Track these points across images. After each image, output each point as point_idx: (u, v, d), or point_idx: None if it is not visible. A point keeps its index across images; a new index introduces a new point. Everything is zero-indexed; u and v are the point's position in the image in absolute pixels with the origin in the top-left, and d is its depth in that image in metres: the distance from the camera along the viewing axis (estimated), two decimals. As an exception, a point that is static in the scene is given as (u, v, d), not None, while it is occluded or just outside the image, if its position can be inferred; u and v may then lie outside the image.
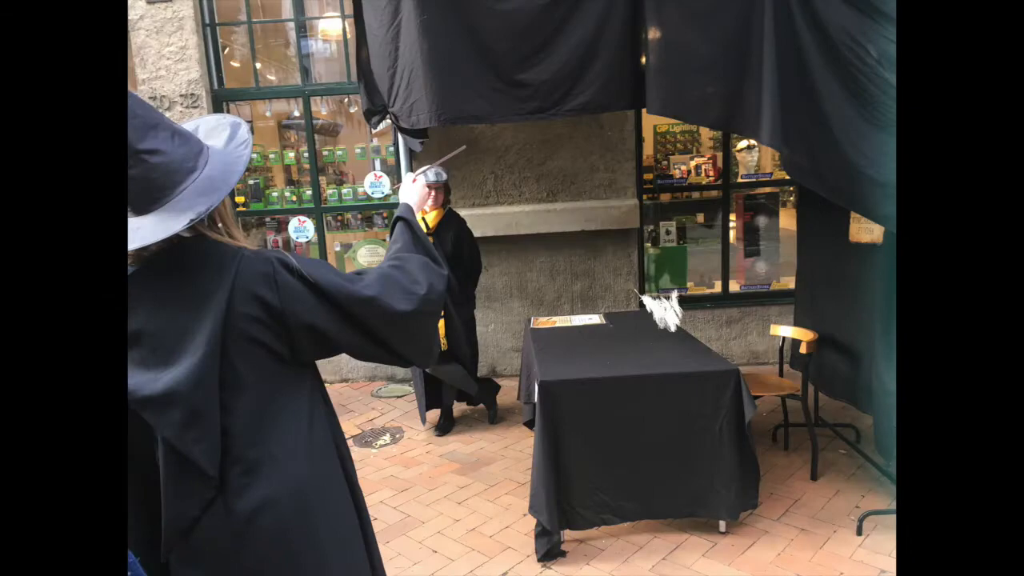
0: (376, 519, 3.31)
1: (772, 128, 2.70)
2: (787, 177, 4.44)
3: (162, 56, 5.13)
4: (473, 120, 3.59)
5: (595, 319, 4.16)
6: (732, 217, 5.64)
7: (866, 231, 3.33)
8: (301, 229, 5.50)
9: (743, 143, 5.58)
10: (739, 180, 5.59)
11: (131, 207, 1.19)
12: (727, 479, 2.91)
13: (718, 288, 5.64)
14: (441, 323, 3.90)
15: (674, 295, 3.72)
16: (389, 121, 3.95)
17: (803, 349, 3.55)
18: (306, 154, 5.52)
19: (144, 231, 1.17)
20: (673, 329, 3.58)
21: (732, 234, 5.64)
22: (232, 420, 1.25)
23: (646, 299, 3.87)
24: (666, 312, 3.64)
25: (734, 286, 5.64)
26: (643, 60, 3.17)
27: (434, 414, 4.49)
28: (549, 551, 2.90)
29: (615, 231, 5.30)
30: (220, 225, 1.31)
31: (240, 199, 5.48)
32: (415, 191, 1.71)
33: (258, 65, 5.55)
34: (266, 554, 1.27)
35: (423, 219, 4.01)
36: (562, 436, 2.90)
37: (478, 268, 4.40)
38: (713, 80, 2.92)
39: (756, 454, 2.95)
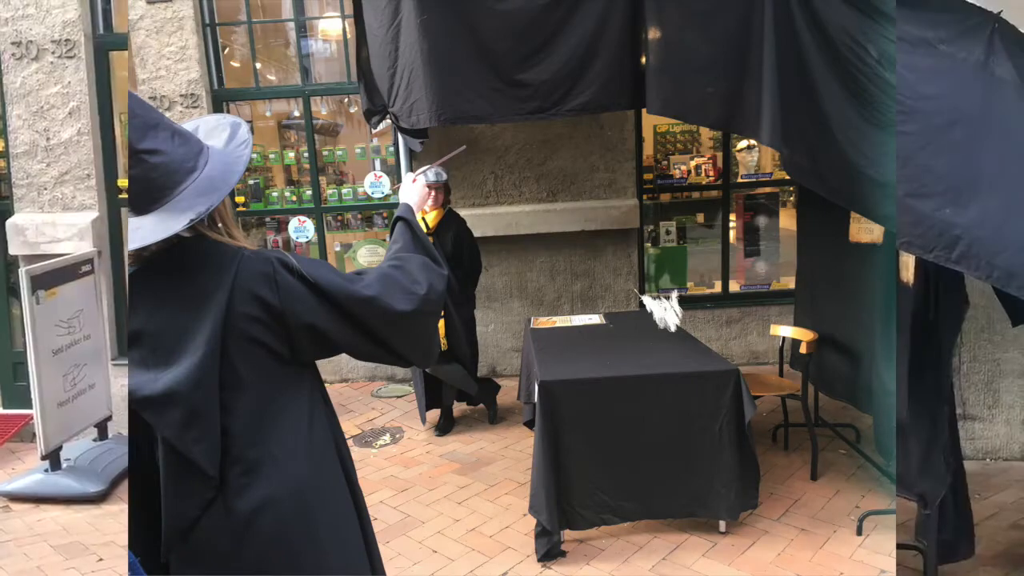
0: (376, 519, 3.31)
1: (772, 128, 2.71)
2: (787, 177, 4.44)
3: (162, 56, 5.12)
4: (473, 120, 3.60)
5: (595, 319, 4.16)
6: (732, 217, 5.63)
7: (866, 231, 3.33)
8: (301, 229, 5.50)
9: (743, 143, 5.58)
10: (739, 180, 5.59)
11: (131, 207, 1.19)
12: (727, 479, 2.91)
13: (718, 288, 5.64)
14: (441, 323, 3.89)
15: (674, 295, 3.72)
16: (389, 121, 3.96)
17: (803, 349, 3.55)
18: (306, 154, 5.52)
19: (144, 231, 1.18)
20: (673, 329, 3.58)
21: (732, 234, 5.63)
22: (232, 420, 1.25)
23: (646, 299, 3.87)
24: (666, 312, 3.64)
25: (734, 286, 5.63)
26: (643, 60, 3.17)
27: (434, 414, 4.49)
28: (549, 551, 2.90)
29: (615, 231, 5.30)
30: (220, 225, 1.31)
31: (240, 199, 5.48)
32: (415, 191, 1.71)
33: (258, 65, 5.55)
34: (266, 554, 1.27)
35: (423, 219, 4.01)
36: (562, 436, 2.90)
37: (478, 268, 4.40)
38: (713, 80, 2.92)
39: (756, 454, 2.96)
